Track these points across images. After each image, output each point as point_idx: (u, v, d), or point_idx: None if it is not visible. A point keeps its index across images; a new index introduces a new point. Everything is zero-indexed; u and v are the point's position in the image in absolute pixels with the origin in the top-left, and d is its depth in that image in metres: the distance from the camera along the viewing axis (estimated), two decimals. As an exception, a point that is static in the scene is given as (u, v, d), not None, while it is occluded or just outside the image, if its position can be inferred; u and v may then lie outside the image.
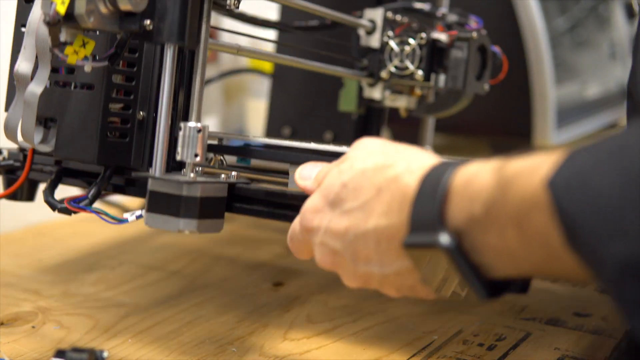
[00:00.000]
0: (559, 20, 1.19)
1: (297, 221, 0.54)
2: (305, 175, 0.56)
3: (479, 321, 0.68)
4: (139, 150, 0.62)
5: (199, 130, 0.57)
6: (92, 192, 0.63)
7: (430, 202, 0.44)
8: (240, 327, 0.68)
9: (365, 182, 0.48)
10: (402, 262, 0.47)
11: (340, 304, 0.73)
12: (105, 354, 0.56)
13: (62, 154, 0.64)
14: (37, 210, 1.03)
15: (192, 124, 0.57)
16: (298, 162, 0.58)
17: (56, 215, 0.64)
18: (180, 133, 0.57)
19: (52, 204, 0.64)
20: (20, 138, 0.61)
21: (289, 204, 0.59)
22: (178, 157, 0.57)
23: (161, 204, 0.57)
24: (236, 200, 0.61)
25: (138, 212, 0.59)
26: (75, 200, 0.62)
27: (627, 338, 0.64)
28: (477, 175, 0.43)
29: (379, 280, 0.49)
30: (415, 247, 0.45)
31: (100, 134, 0.61)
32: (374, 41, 0.76)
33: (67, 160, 0.67)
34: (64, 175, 0.68)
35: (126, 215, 0.60)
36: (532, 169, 0.39)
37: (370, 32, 0.76)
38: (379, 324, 0.69)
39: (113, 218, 0.60)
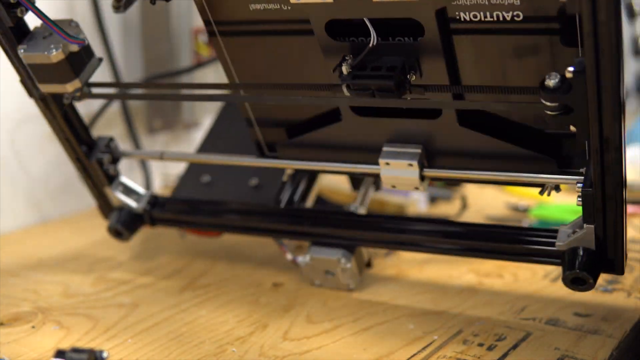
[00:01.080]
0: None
1: None
2: None
3: (479, 321, 0.68)
4: None
5: None
6: None
7: None
8: (240, 327, 0.68)
9: None
10: None
11: (340, 304, 0.73)
12: (105, 354, 0.56)
13: None
14: (37, 210, 1.03)
15: None
16: None
17: (56, 215, 0.64)
18: None
19: None
20: None
21: None
22: None
23: None
24: None
25: None
26: None
27: (628, 338, 0.64)
28: None
29: None
30: None
31: None
32: None
33: None
34: None
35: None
36: None
37: None
38: (379, 324, 0.69)
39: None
